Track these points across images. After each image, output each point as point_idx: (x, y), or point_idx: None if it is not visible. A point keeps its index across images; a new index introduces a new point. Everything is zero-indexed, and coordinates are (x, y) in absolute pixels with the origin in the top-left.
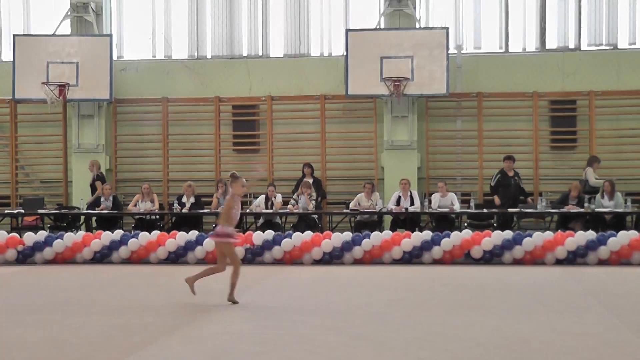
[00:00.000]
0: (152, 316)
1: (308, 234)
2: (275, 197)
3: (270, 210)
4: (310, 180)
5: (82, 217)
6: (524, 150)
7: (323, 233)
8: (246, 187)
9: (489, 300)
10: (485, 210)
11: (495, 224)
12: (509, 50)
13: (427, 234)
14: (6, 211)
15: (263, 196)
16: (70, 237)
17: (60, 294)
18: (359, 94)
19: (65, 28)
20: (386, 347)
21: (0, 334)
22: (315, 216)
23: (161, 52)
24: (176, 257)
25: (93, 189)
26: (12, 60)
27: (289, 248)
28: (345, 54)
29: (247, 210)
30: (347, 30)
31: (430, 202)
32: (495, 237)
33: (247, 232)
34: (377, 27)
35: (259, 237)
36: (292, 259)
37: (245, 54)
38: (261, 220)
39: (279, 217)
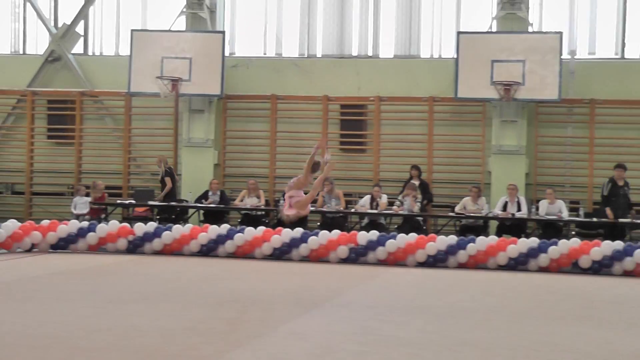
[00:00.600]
0: (256, 311)
1: (412, 236)
2: (380, 198)
3: (375, 211)
4: (417, 183)
5: (190, 210)
6: (636, 159)
7: (427, 236)
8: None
9: (598, 312)
10: (595, 219)
11: (604, 234)
12: (625, 57)
13: (534, 241)
14: (118, 201)
15: (368, 196)
16: (179, 230)
17: (168, 284)
18: (468, 97)
19: (180, 24)
20: (491, 353)
21: (112, 322)
22: (420, 218)
23: (272, 49)
24: (280, 254)
25: (163, 184)
26: (129, 54)
27: (393, 249)
28: (455, 56)
29: (352, 210)
30: (458, 33)
31: (537, 208)
32: (605, 248)
33: (352, 232)
34: (489, 30)
35: (363, 237)
36: (395, 261)
37: (355, 53)
38: (366, 220)
39: (383, 217)
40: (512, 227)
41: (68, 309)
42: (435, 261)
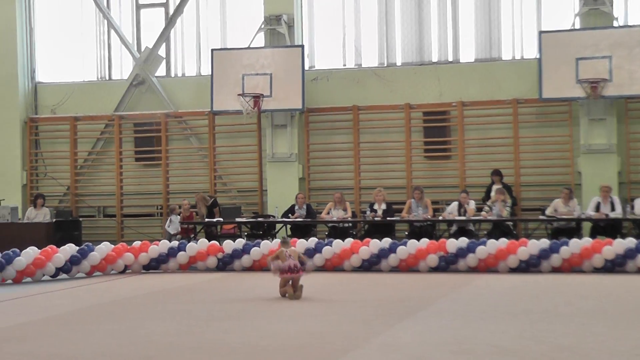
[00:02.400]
0: (348, 323)
1: (503, 241)
2: (468, 204)
3: (464, 217)
4: (499, 186)
5: (278, 225)
6: None
7: (518, 240)
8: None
9: None
10: None
11: None
12: None
13: (631, 242)
14: (206, 220)
15: (456, 203)
16: (267, 245)
17: (256, 300)
18: (554, 97)
19: (259, 41)
20: (590, 359)
21: (203, 338)
22: (510, 223)
23: (351, 60)
24: (369, 265)
25: (211, 213)
26: (210, 74)
27: (483, 256)
28: (538, 56)
29: (440, 217)
30: (540, 32)
31: (632, 207)
32: None
33: (441, 240)
34: (572, 28)
35: (452, 244)
36: (486, 267)
37: (435, 59)
38: (454, 228)
39: (472, 224)
40: (606, 228)
41: (159, 328)
42: (528, 266)
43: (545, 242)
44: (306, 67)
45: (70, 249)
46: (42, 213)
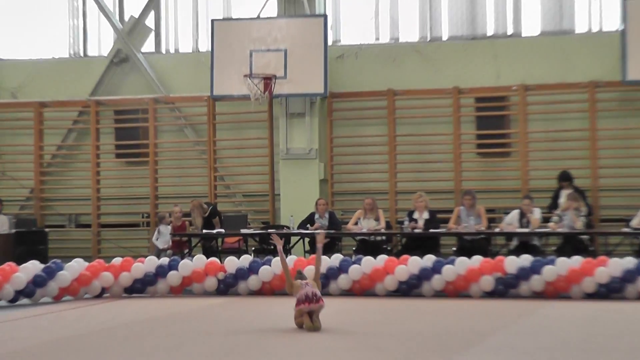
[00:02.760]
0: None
1: (576, 259)
2: (532, 213)
3: (527, 230)
4: (569, 190)
5: (293, 239)
6: None
7: (596, 258)
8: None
9: None
10: None
11: None
12: None
13: None
14: (204, 231)
15: (516, 212)
16: (280, 263)
17: (266, 332)
18: None
19: (271, 9)
20: None
21: None
22: (586, 237)
23: (386, 34)
24: (408, 288)
25: (209, 224)
26: (210, 49)
27: (551, 277)
28: (621, 28)
29: (496, 230)
30: None
31: None
32: None
33: (497, 257)
34: None
35: (512, 263)
36: (556, 292)
37: (490, 33)
38: (515, 242)
39: (537, 238)
40: None
41: None
42: (609, 291)
43: (630, 262)
44: (329, 42)
45: (33, 267)
46: None
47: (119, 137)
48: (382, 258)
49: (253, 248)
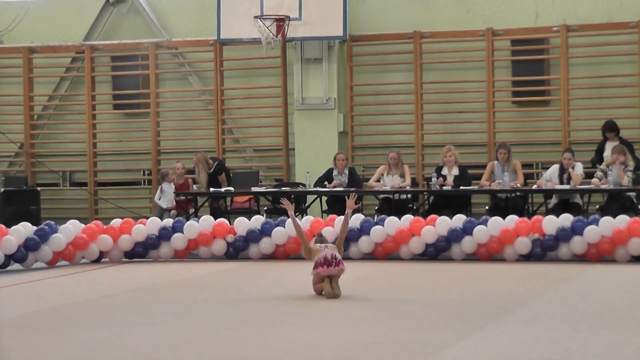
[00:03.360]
0: (407, 332)
1: (623, 219)
2: (573, 168)
3: (567, 186)
4: (615, 142)
5: (310, 198)
6: None
7: None
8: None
9: None
10: None
11: None
12: None
13: None
14: (211, 190)
15: (556, 166)
16: (303, 229)
17: (280, 300)
18: None
19: None
20: None
21: (208, 350)
22: (633, 194)
23: None
24: (436, 252)
25: (214, 181)
26: None
27: (594, 239)
28: None
29: (534, 187)
30: None
31: None
32: None
33: (535, 217)
34: None
35: (551, 223)
36: (599, 255)
37: None
38: (554, 200)
39: (579, 195)
40: None
41: (151, 337)
42: None
43: None
44: None
45: (25, 229)
46: None
47: (116, 86)
48: (408, 218)
49: (265, 208)
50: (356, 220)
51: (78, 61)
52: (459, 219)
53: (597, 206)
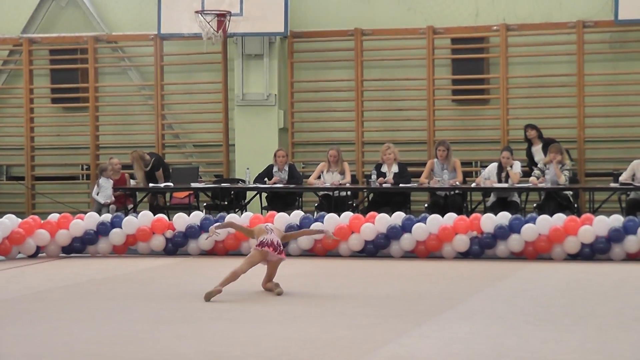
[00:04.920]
0: (344, 328)
1: (559, 217)
2: (511, 167)
3: (505, 185)
4: (539, 146)
5: (249, 194)
6: None
7: (580, 217)
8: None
9: None
10: None
11: None
12: None
13: None
14: (150, 185)
15: (494, 164)
16: (233, 220)
17: (219, 296)
18: (634, 19)
19: None
20: None
21: (146, 347)
22: (570, 193)
23: None
24: (375, 249)
25: (152, 177)
26: None
27: (531, 237)
28: None
29: (473, 185)
30: None
31: None
32: None
33: (473, 215)
34: None
35: (489, 221)
36: (536, 253)
37: None
38: (492, 198)
39: (517, 194)
40: None
41: (88, 333)
42: (593, 252)
43: (617, 220)
44: None
45: None
46: None
47: (55, 79)
48: (347, 215)
49: (205, 204)
50: (296, 217)
51: (16, 54)
52: (398, 217)
53: (535, 204)
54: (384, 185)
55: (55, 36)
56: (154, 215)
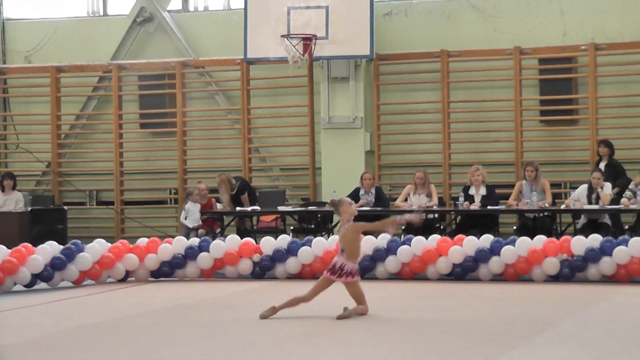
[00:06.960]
0: (432, 354)
1: None
2: (602, 188)
3: (596, 206)
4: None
5: (336, 217)
6: None
7: None
8: (355, 205)
9: None
10: None
11: None
12: None
13: None
14: (237, 209)
15: (584, 186)
16: (321, 244)
17: (307, 320)
18: None
19: None
20: None
21: None
22: None
23: None
24: (463, 272)
25: (237, 201)
26: (243, 7)
27: (624, 260)
28: None
29: (562, 206)
30: None
31: None
32: None
33: (563, 237)
34: None
35: (579, 244)
36: (629, 276)
37: None
38: (582, 220)
39: (608, 215)
40: None
41: (176, 358)
42: None
43: None
44: None
45: (51, 248)
46: (12, 199)
47: (143, 105)
48: (435, 238)
49: (292, 227)
50: (383, 239)
51: (105, 80)
52: (487, 239)
53: (627, 226)
54: (472, 207)
55: (143, 62)
56: (242, 239)
